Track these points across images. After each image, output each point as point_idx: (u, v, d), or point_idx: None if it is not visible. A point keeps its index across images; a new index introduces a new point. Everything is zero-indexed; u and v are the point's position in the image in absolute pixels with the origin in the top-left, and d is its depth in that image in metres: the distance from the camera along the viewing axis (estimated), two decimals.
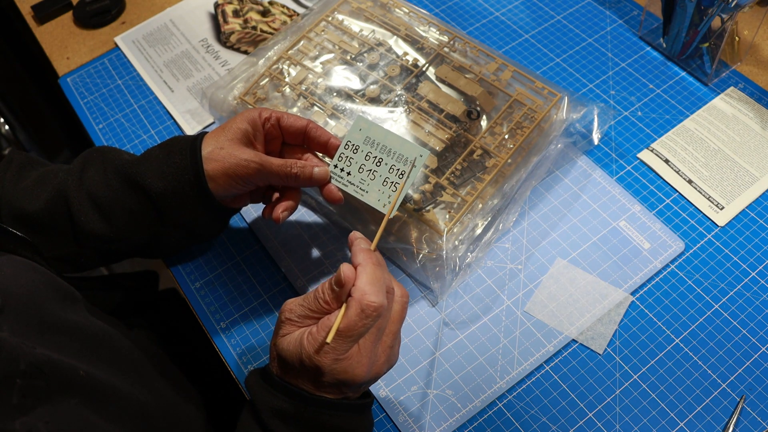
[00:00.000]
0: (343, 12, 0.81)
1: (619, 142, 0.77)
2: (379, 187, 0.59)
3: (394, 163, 0.59)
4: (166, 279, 0.83)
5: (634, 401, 0.60)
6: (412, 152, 0.59)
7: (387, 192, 0.58)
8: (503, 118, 0.72)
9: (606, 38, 0.86)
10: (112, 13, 0.95)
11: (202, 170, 0.58)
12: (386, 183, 0.59)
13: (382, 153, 0.59)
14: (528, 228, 0.71)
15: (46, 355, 0.43)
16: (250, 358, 0.65)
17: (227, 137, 0.59)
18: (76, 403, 0.43)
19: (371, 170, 0.59)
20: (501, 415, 0.61)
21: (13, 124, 1.48)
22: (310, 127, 0.60)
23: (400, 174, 0.58)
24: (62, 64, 0.91)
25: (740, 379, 0.61)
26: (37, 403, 0.40)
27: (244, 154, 0.58)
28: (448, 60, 0.76)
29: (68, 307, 0.52)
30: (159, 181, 0.59)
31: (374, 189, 0.59)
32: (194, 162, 0.58)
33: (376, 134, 0.60)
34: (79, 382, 0.44)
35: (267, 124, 0.60)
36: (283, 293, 0.69)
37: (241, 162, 0.57)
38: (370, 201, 0.59)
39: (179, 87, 0.87)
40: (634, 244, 0.69)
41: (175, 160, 0.59)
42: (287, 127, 0.60)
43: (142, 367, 0.57)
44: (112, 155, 0.62)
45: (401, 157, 0.59)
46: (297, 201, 0.62)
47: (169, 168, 0.59)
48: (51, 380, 0.42)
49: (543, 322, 0.65)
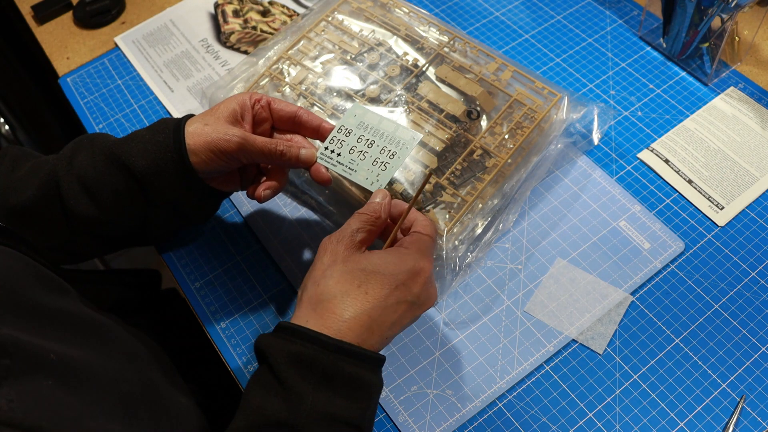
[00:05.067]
0: (343, 12, 0.81)
1: (619, 142, 0.77)
2: (369, 166, 0.60)
3: (386, 144, 0.60)
4: (166, 279, 0.83)
5: (634, 401, 0.60)
6: (405, 135, 0.60)
7: (376, 171, 0.59)
8: (503, 118, 0.72)
9: (606, 38, 0.86)
10: (112, 13, 0.95)
11: (184, 146, 0.58)
12: (376, 162, 0.60)
13: (374, 136, 0.61)
14: (528, 228, 0.71)
15: (13, 336, 0.43)
16: (250, 358, 0.65)
17: (214, 115, 0.59)
18: (50, 385, 0.43)
19: (362, 151, 0.60)
20: (501, 415, 0.61)
21: (13, 124, 1.48)
22: (301, 112, 0.61)
23: (391, 155, 0.59)
24: (62, 64, 0.91)
25: (740, 379, 0.61)
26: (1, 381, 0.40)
27: (228, 129, 0.58)
28: (448, 60, 0.76)
29: (53, 294, 0.52)
30: (142, 159, 0.59)
31: (363, 168, 0.60)
32: (177, 139, 0.58)
33: (370, 119, 0.62)
34: (49, 365, 0.44)
35: (257, 106, 0.61)
36: (283, 293, 0.69)
37: (223, 136, 0.57)
38: (358, 179, 0.59)
39: (179, 87, 0.87)
40: (634, 244, 0.69)
41: (159, 138, 0.59)
42: (277, 111, 0.61)
43: (136, 357, 0.57)
44: (101, 138, 0.62)
45: (393, 139, 0.60)
46: (282, 183, 0.62)
47: (152, 146, 0.59)
48: (16, 360, 0.42)
49: (543, 322, 0.65)
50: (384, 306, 0.50)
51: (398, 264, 0.51)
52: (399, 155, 0.59)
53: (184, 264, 0.71)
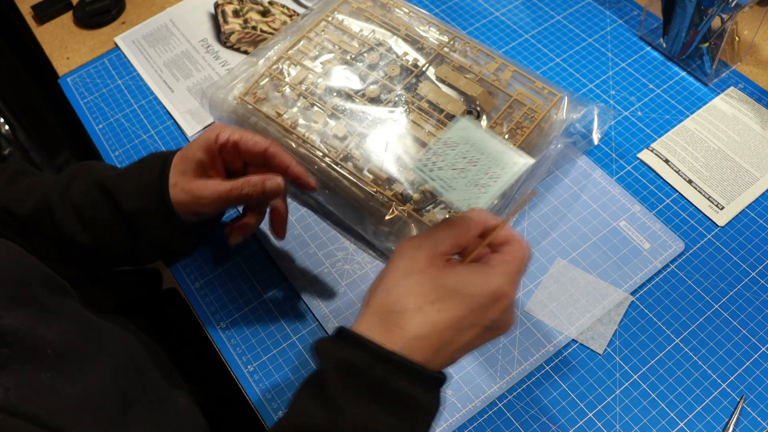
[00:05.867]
0: (343, 12, 0.81)
1: (619, 142, 0.77)
2: (467, 186, 0.53)
3: (491, 165, 0.54)
4: (166, 279, 0.83)
5: (634, 401, 0.60)
6: (514, 158, 0.54)
7: (475, 192, 0.53)
8: (503, 118, 0.72)
9: (606, 38, 0.86)
10: (112, 13, 0.95)
11: (168, 196, 0.60)
12: (476, 183, 0.53)
13: (480, 154, 0.55)
14: (528, 228, 0.71)
15: (14, 327, 0.43)
16: (250, 358, 0.65)
17: (183, 169, 0.60)
18: (48, 377, 0.43)
19: (463, 168, 0.54)
20: (501, 415, 0.61)
21: (13, 124, 1.48)
22: (269, 153, 0.61)
23: (494, 177, 0.53)
24: (62, 64, 0.91)
25: (740, 379, 0.61)
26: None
27: (198, 190, 0.60)
28: (448, 60, 0.76)
29: (55, 294, 0.52)
30: (131, 199, 0.60)
31: (461, 187, 0.54)
32: (160, 186, 0.60)
33: (478, 136, 0.55)
34: (48, 359, 0.44)
35: (223, 150, 0.61)
36: (283, 293, 0.69)
37: (194, 199, 0.60)
38: (454, 198, 0.53)
39: (179, 87, 0.87)
40: (634, 244, 0.69)
41: (146, 178, 0.61)
42: (245, 152, 0.61)
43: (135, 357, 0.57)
44: (98, 169, 0.64)
45: (500, 161, 0.54)
46: (258, 219, 0.65)
47: (139, 187, 0.61)
48: (16, 350, 0.42)
49: (543, 322, 0.65)
50: (457, 328, 0.45)
51: (481, 285, 0.46)
52: (502, 179, 0.53)
53: (184, 264, 0.71)
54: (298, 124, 0.73)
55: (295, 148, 0.72)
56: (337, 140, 0.71)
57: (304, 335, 0.66)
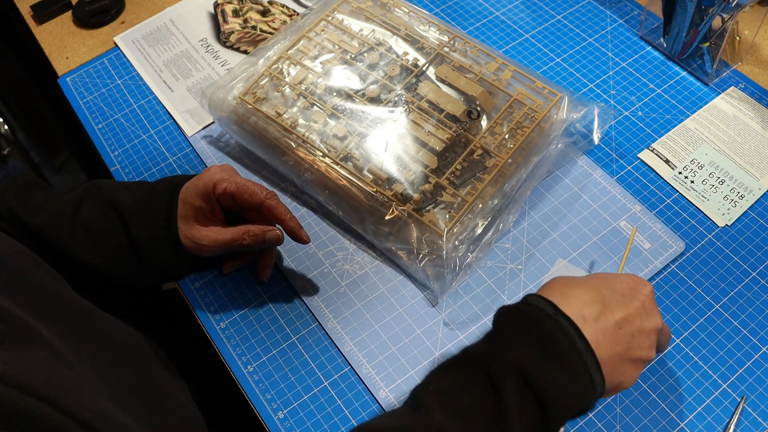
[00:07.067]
0: (343, 12, 0.81)
1: (619, 142, 0.76)
2: (721, 200, 0.68)
3: (735, 186, 0.68)
4: None
5: (634, 401, 0.60)
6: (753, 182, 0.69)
7: (727, 206, 0.68)
8: (503, 118, 0.72)
9: (606, 38, 0.86)
10: (111, 12, 0.95)
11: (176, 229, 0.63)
12: (727, 198, 0.68)
13: (725, 176, 0.69)
14: (528, 228, 0.71)
15: (8, 306, 0.44)
16: (249, 358, 0.65)
17: (184, 214, 0.63)
18: (46, 356, 0.44)
19: (713, 185, 0.68)
20: None
21: (13, 124, 1.48)
22: (265, 207, 0.63)
23: (739, 196, 0.68)
24: (62, 64, 0.91)
25: (741, 379, 0.61)
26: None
27: (198, 238, 0.63)
28: (448, 60, 0.76)
29: (50, 279, 0.53)
30: (142, 227, 0.63)
31: (715, 200, 0.69)
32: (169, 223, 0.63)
33: (721, 162, 0.70)
34: (43, 341, 0.45)
35: (221, 200, 0.63)
36: (283, 293, 0.68)
37: (195, 245, 0.63)
38: (710, 208, 0.68)
39: (179, 87, 0.86)
40: (635, 244, 0.69)
41: (156, 207, 0.63)
42: (242, 203, 0.63)
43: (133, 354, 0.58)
44: (109, 190, 0.65)
45: (742, 183, 0.69)
46: (245, 260, 0.69)
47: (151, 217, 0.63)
48: (12, 328, 0.43)
49: None
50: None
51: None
52: (747, 199, 0.69)
53: None
54: (297, 123, 0.73)
55: (295, 148, 0.71)
56: (337, 140, 0.71)
57: (303, 335, 0.66)
